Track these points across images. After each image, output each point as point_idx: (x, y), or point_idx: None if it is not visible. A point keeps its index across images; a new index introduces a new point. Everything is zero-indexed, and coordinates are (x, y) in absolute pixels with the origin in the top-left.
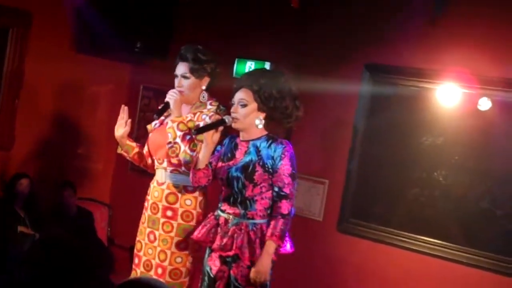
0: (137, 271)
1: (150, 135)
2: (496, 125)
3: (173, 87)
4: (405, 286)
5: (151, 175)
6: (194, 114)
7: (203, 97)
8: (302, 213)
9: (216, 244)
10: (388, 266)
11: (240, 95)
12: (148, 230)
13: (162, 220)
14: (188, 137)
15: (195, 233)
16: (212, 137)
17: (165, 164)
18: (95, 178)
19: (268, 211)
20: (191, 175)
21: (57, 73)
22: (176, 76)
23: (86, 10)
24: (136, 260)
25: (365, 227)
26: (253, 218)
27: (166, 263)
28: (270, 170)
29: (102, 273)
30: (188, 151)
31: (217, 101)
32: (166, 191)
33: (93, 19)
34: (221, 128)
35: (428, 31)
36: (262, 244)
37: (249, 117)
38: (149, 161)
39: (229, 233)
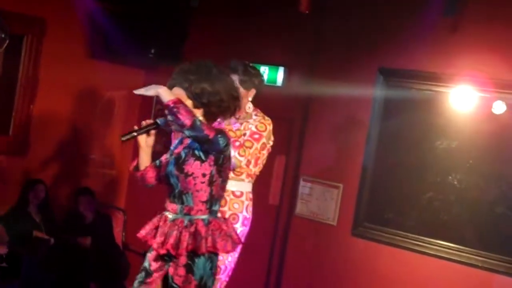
0: None
1: None
2: (510, 129)
3: None
4: None
5: None
6: (241, 123)
7: (249, 107)
8: (316, 217)
9: (154, 243)
10: (403, 270)
11: None
12: None
13: None
14: (237, 143)
15: (141, 230)
16: (145, 141)
17: None
18: (110, 183)
19: (207, 206)
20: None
21: (71, 79)
22: None
23: (100, 16)
24: None
25: (380, 231)
26: (189, 214)
27: None
28: (201, 154)
29: (118, 278)
30: (237, 157)
31: (261, 112)
32: None
33: (107, 25)
34: (153, 131)
35: (441, 35)
36: (191, 237)
37: None
38: None
39: (165, 231)
